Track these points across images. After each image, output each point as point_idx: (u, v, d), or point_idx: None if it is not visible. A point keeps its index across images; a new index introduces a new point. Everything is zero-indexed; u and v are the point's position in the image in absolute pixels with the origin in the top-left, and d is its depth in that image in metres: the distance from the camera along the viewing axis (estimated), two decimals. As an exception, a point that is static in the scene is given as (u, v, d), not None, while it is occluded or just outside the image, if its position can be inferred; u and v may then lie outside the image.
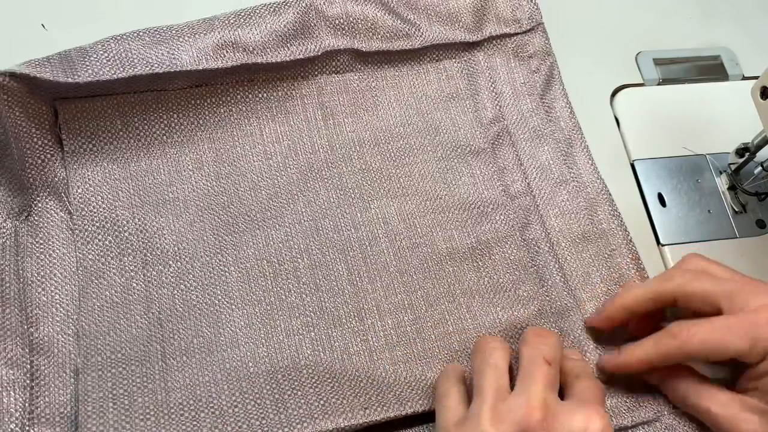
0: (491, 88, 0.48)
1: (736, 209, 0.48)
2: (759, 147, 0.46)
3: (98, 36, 0.42)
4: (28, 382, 0.36)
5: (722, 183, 0.49)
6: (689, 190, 0.48)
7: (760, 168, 0.47)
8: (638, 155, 0.49)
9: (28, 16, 0.46)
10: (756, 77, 0.45)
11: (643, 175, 0.48)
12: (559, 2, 0.53)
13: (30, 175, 0.40)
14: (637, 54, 0.53)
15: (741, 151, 0.49)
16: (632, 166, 0.49)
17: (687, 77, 0.53)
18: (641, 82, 0.52)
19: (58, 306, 0.38)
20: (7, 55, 0.40)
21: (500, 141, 0.46)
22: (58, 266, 0.39)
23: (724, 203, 0.48)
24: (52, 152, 0.41)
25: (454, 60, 0.49)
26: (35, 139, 0.40)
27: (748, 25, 0.56)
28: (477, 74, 0.48)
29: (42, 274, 0.39)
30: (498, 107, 0.48)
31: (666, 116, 0.51)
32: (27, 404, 0.36)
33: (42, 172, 0.40)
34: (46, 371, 0.37)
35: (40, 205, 0.40)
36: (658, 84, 0.52)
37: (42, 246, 0.39)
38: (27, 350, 0.37)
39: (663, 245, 0.46)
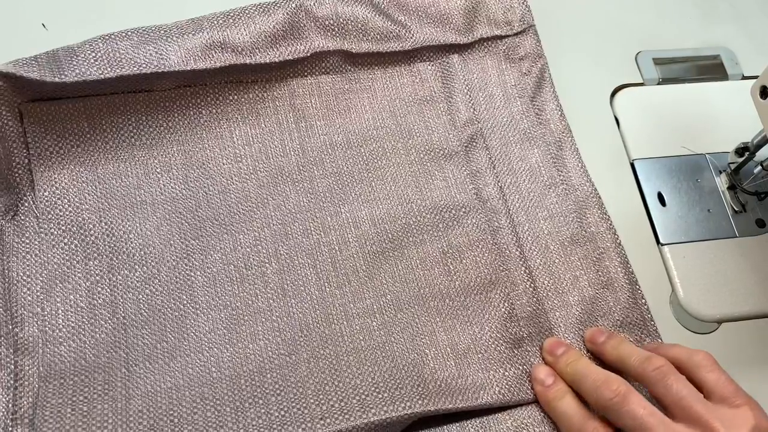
0: (465, 91, 0.47)
1: (736, 209, 0.48)
2: (759, 146, 0.46)
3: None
4: (12, 382, 0.36)
5: (722, 182, 0.49)
6: (689, 190, 0.48)
7: (759, 167, 0.47)
8: (638, 155, 0.49)
9: (28, 16, 0.46)
10: (755, 77, 0.45)
11: (643, 174, 0.48)
12: (560, 2, 0.53)
13: (17, 175, 0.40)
14: (637, 54, 0.53)
15: (741, 151, 0.48)
16: (632, 165, 0.49)
17: (687, 77, 0.53)
18: (641, 81, 0.52)
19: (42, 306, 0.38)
20: (8, 55, 0.41)
21: (474, 144, 0.46)
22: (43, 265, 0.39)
23: (723, 203, 0.48)
24: None
25: (428, 62, 0.48)
26: (22, 138, 0.40)
27: (747, 25, 0.56)
28: (451, 76, 0.48)
29: (27, 273, 0.38)
30: (472, 109, 0.47)
31: (666, 116, 0.51)
32: (10, 405, 0.36)
33: (28, 172, 0.40)
34: (30, 371, 0.36)
35: (26, 204, 0.40)
36: (658, 84, 0.52)
37: (27, 245, 0.39)
38: (12, 350, 0.37)
39: (663, 245, 0.46)
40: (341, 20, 0.46)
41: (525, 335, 0.41)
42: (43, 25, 0.46)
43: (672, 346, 0.38)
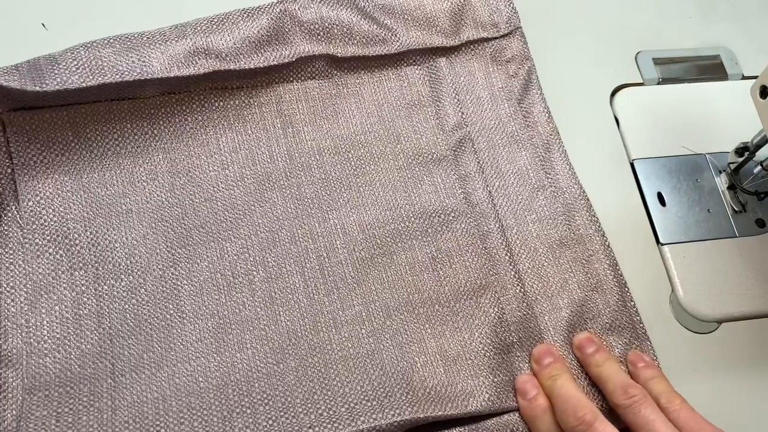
0: (453, 95, 0.47)
1: (736, 208, 0.48)
2: (758, 146, 0.46)
3: (98, 36, 0.42)
4: None
5: (722, 182, 0.49)
6: (689, 190, 0.48)
7: (759, 167, 0.47)
8: (638, 155, 0.49)
9: (28, 16, 0.46)
10: (755, 77, 0.45)
11: (643, 174, 0.48)
12: (560, 2, 0.53)
13: (0, 185, 0.40)
14: (637, 53, 0.53)
15: (740, 151, 0.48)
16: (632, 165, 0.48)
17: (686, 77, 0.53)
18: (641, 81, 0.52)
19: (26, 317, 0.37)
20: (8, 55, 0.41)
21: (462, 148, 0.46)
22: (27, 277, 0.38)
23: (723, 202, 0.48)
24: None
25: (415, 66, 0.48)
26: (5, 148, 0.40)
27: (747, 25, 0.56)
28: (439, 80, 0.47)
29: (11, 284, 0.38)
30: (461, 113, 0.47)
31: (665, 116, 0.51)
32: None
33: (12, 181, 0.40)
34: (14, 384, 0.36)
35: (10, 214, 0.40)
36: (658, 83, 0.52)
37: (11, 256, 0.39)
38: None
39: (663, 244, 0.46)
40: (326, 24, 0.46)
41: (515, 340, 0.40)
42: (43, 25, 0.46)
43: (654, 377, 0.39)
